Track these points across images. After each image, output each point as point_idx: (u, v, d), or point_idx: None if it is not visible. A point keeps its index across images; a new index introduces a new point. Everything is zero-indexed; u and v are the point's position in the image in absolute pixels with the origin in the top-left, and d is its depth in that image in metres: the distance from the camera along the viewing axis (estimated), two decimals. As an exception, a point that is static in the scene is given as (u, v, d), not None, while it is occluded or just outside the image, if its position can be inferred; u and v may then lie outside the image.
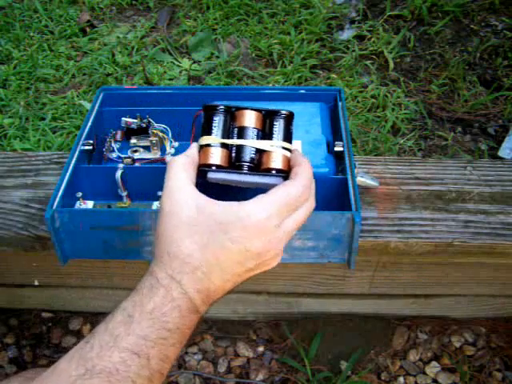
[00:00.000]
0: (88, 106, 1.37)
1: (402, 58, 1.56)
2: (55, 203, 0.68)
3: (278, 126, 0.56)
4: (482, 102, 1.41)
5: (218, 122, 0.56)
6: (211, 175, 0.55)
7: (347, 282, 0.96)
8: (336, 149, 0.76)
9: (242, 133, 0.56)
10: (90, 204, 0.76)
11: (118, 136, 0.84)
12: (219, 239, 0.49)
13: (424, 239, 0.77)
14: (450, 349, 1.07)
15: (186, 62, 1.56)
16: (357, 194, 0.68)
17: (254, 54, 1.57)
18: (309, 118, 0.80)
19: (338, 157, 0.76)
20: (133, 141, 0.84)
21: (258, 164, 0.56)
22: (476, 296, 1.02)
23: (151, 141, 0.81)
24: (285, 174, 0.55)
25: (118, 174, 0.74)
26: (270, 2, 1.72)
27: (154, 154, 0.82)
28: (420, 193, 0.84)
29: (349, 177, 0.71)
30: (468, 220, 0.80)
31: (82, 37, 1.66)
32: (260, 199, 0.50)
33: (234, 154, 0.56)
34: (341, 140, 0.76)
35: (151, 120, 0.84)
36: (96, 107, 0.84)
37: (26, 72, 1.52)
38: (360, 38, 1.61)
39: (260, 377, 1.05)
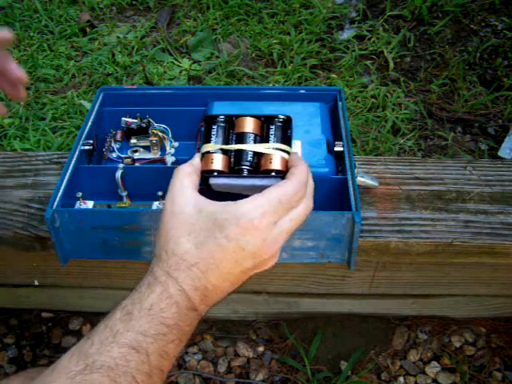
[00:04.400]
0: (88, 105, 1.37)
1: (402, 58, 1.56)
2: (55, 203, 0.68)
3: (274, 130, 0.57)
4: (482, 101, 1.41)
5: (216, 130, 0.58)
6: (212, 181, 0.56)
7: (347, 282, 0.96)
8: (336, 149, 0.76)
9: (240, 139, 0.58)
10: (90, 204, 0.76)
11: (118, 136, 0.84)
12: (215, 237, 0.50)
13: (424, 239, 0.77)
14: (450, 349, 1.07)
15: (186, 62, 1.56)
16: (357, 194, 0.68)
17: (254, 54, 1.57)
18: (309, 118, 0.80)
19: (338, 157, 0.76)
20: (133, 141, 0.84)
21: (257, 167, 0.57)
22: (476, 296, 1.02)
23: (151, 141, 0.81)
24: (283, 174, 0.56)
25: (118, 174, 0.74)
26: (270, 2, 1.72)
27: (154, 154, 0.82)
28: (420, 193, 0.84)
29: (349, 177, 0.71)
30: (468, 220, 0.80)
31: (82, 37, 1.66)
32: (255, 198, 0.51)
33: (232, 160, 0.57)
34: (341, 140, 0.76)
35: (151, 120, 0.84)
36: (96, 107, 0.84)
37: (25, 72, 1.51)
38: (360, 37, 1.61)
39: (260, 377, 1.05)
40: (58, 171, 0.86)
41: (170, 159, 0.80)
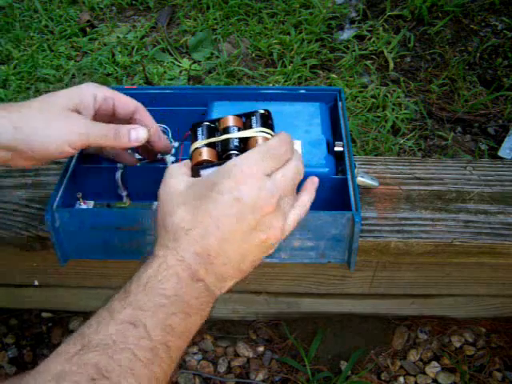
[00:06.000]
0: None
1: (402, 58, 1.56)
2: (55, 203, 0.68)
3: (256, 119, 0.59)
4: (482, 101, 1.41)
5: (201, 130, 0.60)
6: (203, 172, 0.56)
7: (347, 281, 0.96)
8: (336, 149, 0.76)
9: (224, 132, 0.59)
10: (90, 204, 0.76)
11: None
12: (209, 195, 0.49)
13: (424, 239, 0.77)
14: (450, 349, 1.07)
15: (186, 62, 1.56)
16: (357, 194, 0.68)
17: (254, 54, 1.57)
18: (309, 118, 0.80)
19: (338, 157, 0.76)
20: (133, 141, 0.84)
21: (244, 152, 0.56)
22: (476, 296, 1.02)
23: (151, 141, 0.81)
24: None
25: (118, 173, 0.74)
26: (270, 2, 1.72)
27: (154, 154, 0.82)
28: (420, 193, 0.84)
29: (349, 177, 0.71)
30: (468, 220, 0.80)
31: (82, 37, 1.66)
32: (243, 153, 0.52)
33: (220, 151, 0.58)
34: (341, 140, 0.76)
35: (151, 120, 0.84)
36: (96, 107, 0.84)
37: (26, 72, 1.52)
38: (360, 37, 1.61)
39: (260, 377, 1.05)
40: (57, 171, 0.86)
41: (170, 159, 0.80)
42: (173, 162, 0.80)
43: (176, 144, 0.83)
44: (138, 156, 0.82)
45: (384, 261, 0.89)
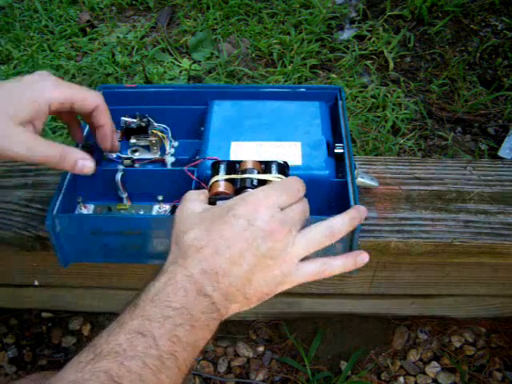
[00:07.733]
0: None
1: (402, 58, 1.56)
2: (55, 208, 0.68)
3: (275, 167, 0.63)
4: (481, 101, 1.41)
5: (222, 167, 0.64)
6: (220, 203, 0.59)
7: (347, 282, 0.96)
8: (336, 150, 0.75)
9: (244, 172, 0.63)
10: (90, 208, 0.76)
11: (118, 135, 0.84)
12: (224, 217, 0.52)
13: (424, 239, 0.77)
14: (450, 349, 1.08)
15: (186, 62, 1.56)
16: (356, 196, 0.68)
17: (254, 54, 1.57)
18: (309, 118, 0.79)
19: (338, 158, 0.76)
20: (132, 140, 0.84)
21: None
22: (476, 296, 1.02)
23: (150, 141, 0.81)
24: None
25: (119, 175, 0.74)
26: (270, 2, 1.72)
27: (154, 154, 0.82)
28: (420, 193, 0.84)
29: (349, 178, 0.71)
30: (468, 220, 0.80)
31: (82, 37, 1.66)
32: (261, 186, 0.56)
33: (238, 187, 0.62)
34: (341, 140, 0.76)
35: (150, 119, 0.84)
36: (96, 107, 0.83)
37: (26, 72, 1.51)
38: (360, 38, 1.61)
39: (260, 377, 1.05)
40: (58, 171, 0.86)
41: (169, 159, 0.80)
42: (172, 163, 0.80)
43: (176, 144, 0.83)
44: (135, 156, 0.82)
45: (384, 261, 0.89)
